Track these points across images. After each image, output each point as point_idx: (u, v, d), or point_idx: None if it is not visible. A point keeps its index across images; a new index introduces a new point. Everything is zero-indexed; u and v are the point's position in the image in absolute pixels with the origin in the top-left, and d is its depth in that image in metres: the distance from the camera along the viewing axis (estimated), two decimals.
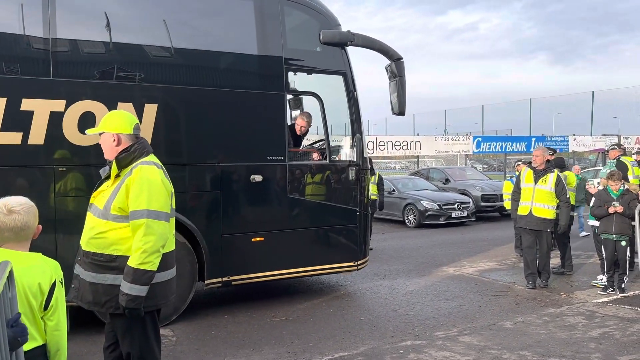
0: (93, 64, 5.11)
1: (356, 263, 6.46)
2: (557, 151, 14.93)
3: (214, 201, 5.61)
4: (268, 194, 5.90)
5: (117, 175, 3.14)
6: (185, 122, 5.47)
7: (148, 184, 3.05)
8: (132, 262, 2.98)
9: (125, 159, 3.13)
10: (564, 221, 6.97)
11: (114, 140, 3.16)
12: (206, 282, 5.62)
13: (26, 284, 2.26)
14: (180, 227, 5.42)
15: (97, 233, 3.10)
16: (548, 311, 5.95)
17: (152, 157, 3.23)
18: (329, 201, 6.25)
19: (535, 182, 6.95)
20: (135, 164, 3.12)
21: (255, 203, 5.86)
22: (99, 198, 3.18)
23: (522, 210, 7.05)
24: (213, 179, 5.59)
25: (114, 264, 3.06)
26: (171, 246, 3.25)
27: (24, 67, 4.79)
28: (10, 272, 1.99)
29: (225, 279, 5.68)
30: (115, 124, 3.20)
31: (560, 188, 6.88)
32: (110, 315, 3.20)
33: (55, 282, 2.37)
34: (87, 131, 3.47)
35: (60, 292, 2.40)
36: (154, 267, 3.02)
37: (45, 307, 2.33)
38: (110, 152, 3.19)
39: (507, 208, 9.67)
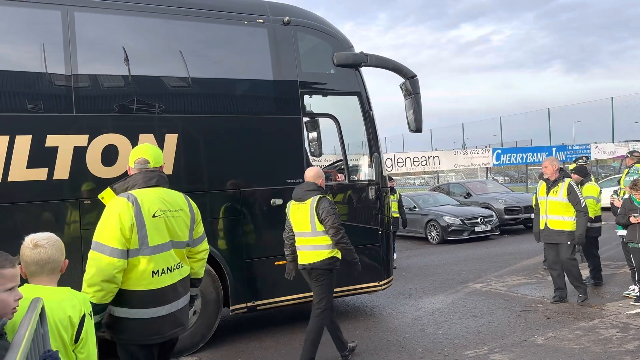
0: (113, 97, 5.24)
1: (381, 283, 6.40)
2: (587, 157, 14.68)
3: (236, 226, 5.64)
4: None
5: None
6: (205, 150, 5.55)
7: (105, 216, 3.11)
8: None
9: (117, 190, 3.26)
10: (579, 231, 6.63)
11: (128, 172, 3.37)
12: (231, 308, 5.62)
13: (57, 318, 2.31)
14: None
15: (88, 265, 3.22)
16: (580, 325, 5.80)
17: (145, 191, 3.22)
18: (350, 221, 6.23)
19: (547, 193, 6.78)
20: (118, 196, 3.20)
21: (276, 226, 5.85)
22: None
23: (541, 224, 6.88)
24: (234, 204, 5.63)
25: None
26: (153, 284, 3.15)
27: (48, 104, 4.93)
28: (42, 309, 2.03)
29: (250, 304, 5.68)
30: (131, 158, 3.40)
31: (572, 197, 6.59)
32: None
33: (84, 315, 2.42)
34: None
35: (89, 325, 2.45)
36: (95, 300, 2.97)
37: (76, 340, 2.37)
38: None
39: None
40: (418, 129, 6.49)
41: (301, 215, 4.81)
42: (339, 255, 4.80)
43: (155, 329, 3.21)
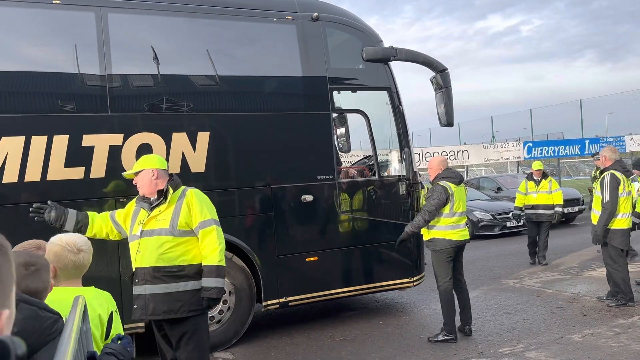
0: (147, 97, 5.32)
1: (412, 279, 6.35)
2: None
3: (267, 223, 5.67)
4: (319, 213, 5.92)
5: (169, 201, 3.64)
6: (236, 148, 5.58)
7: (205, 201, 3.67)
8: (212, 261, 3.53)
9: (173, 185, 3.71)
10: (595, 228, 6.24)
11: (153, 174, 3.65)
12: (264, 303, 5.66)
13: (89, 316, 2.35)
14: (236, 251, 5.50)
15: (165, 249, 3.54)
16: (618, 322, 5.65)
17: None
18: (381, 217, 6.20)
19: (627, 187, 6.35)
20: (185, 189, 3.70)
21: (307, 223, 5.88)
22: (154, 223, 3.60)
23: (628, 223, 6.29)
24: (265, 201, 5.66)
25: (183, 272, 3.55)
26: None
27: (83, 104, 5.03)
28: (85, 306, 2.08)
29: (282, 300, 5.70)
30: (153, 162, 3.72)
31: (600, 191, 6.27)
32: (178, 321, 3.55)
33: (112, 312, 2.51)
34: (125, 173, 3.92)
35: (117, 322, 2.55)
36: (224, 263, 3.62)
37: (106, 337, 2.46)
38: (148, 186, 3.65)
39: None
40: (449, 123, 6.41)
41: (463, 196, 5.54)
42: None
43: None
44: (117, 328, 2.55)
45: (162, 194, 3.63)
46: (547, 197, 9.38)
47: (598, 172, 6.93)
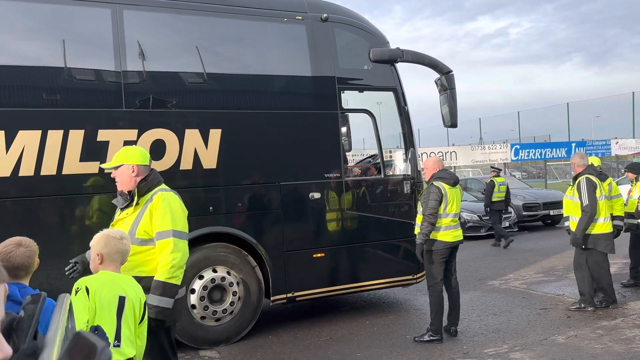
0: (161, 93, 5.37)
1: (415, 276, 6.48)
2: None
3: (275, 219, 5.77)
4: (326, 210, 6.02)
5: (137, 204, 3.35)
6: (247, 145, 5.67)
7: (170, 208, 3.30)
8: (161, 277, 3.17)
9: (144, 188, 3.37)
10: (575, 232, 6.26)
11: (133, 170, 3.38)
12: (272, 298, 5.76)
13: (134, 296, 2.66)
14: (245, 246, 5.61)
15: None
16: (602, 324, 5.77)
17: (164, 186, 3.49)
18: (386, 215, 6.32)
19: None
20: (155, 191, 3.36)
21: (314, 220, 5.99)
22: (119, 225, 3.34)
23: (610, 227, 6.34)
24: (274, 197, 5.76)
25: (140, 284, 3.17)
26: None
27: (99, 100, 5.11)
28: (70, 305, 2.20)
29: (289, 295, 5.81)
30: (133, 157, 3.44)
31: (578, 197, 6.22)
32: None
33: (145, 302, 2.78)
34: (104, 165, 3.66)
35: (146, 313, 2.78)
36: (179, 282, 3.26)
37: (141, 321, 2.71)
38: (128, 182, 3.39)
39: None
40: (453, 124, 6.55)
41: (458, 197, 5.56)
42: None
43: (182, 307, 3.68)
44: (145, 319, 2.78)
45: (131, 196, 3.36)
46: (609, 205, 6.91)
47: (572, 178, 6.75)
